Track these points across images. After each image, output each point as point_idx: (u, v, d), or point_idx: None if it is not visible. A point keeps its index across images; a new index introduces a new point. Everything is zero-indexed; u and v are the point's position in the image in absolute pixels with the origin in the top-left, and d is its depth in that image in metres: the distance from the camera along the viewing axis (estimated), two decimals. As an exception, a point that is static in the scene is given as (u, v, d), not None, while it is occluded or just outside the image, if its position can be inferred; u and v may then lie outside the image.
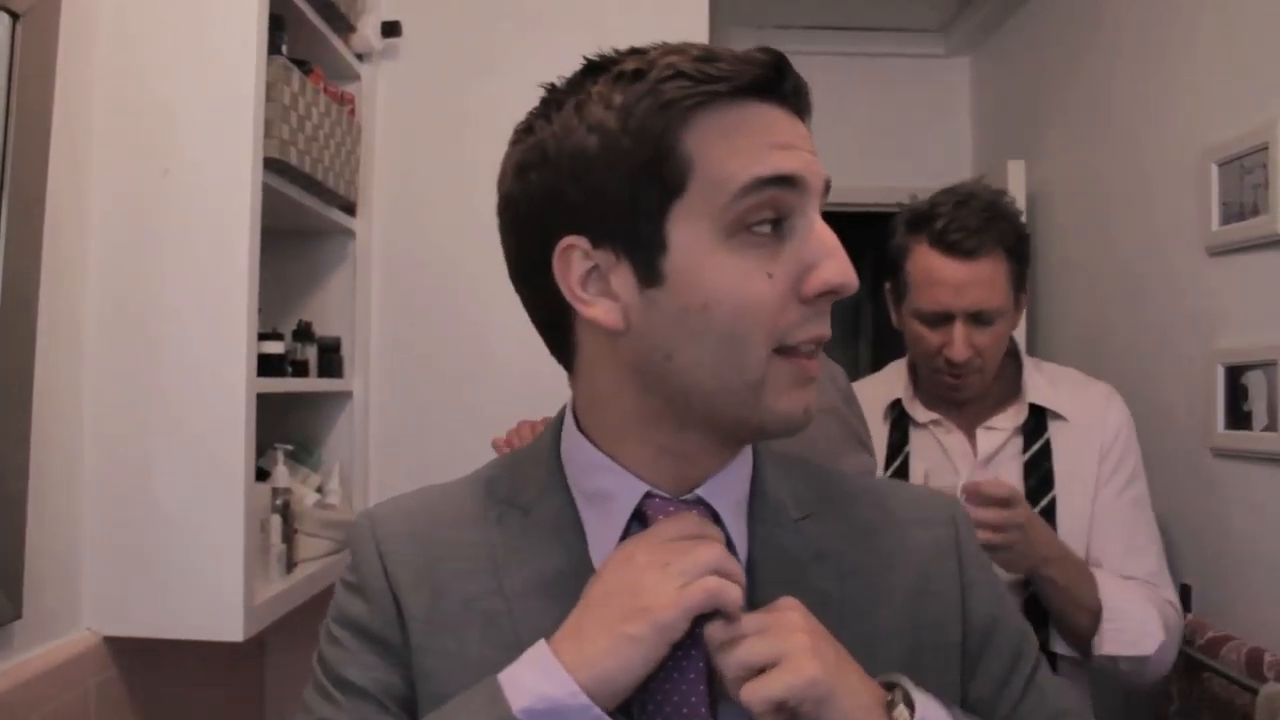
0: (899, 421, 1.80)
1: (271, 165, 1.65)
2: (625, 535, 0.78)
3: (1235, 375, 1.90)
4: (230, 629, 1.54)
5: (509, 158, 0.80)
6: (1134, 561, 1.63)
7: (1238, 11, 1.97)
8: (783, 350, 0.73)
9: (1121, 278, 2.35)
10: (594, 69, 0.79)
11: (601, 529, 0.79)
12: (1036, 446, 1.65)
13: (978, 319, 1.61)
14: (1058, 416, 1.68)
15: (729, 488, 0.81)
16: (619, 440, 0.79)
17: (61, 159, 1.42)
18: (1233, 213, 1.93)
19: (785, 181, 0.72)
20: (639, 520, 0.79)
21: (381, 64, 2.33)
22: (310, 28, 1.93)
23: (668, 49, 0.77)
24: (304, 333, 2.04)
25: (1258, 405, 1.84)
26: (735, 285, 0.71)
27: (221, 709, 2.01)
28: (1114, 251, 2.42)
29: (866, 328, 5.10)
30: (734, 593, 0.72)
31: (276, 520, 1.79)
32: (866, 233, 4.72)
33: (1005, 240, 1.60)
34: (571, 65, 0.88)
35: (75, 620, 1.52)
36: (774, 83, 0.74)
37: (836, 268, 0.73)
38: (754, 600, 0.77)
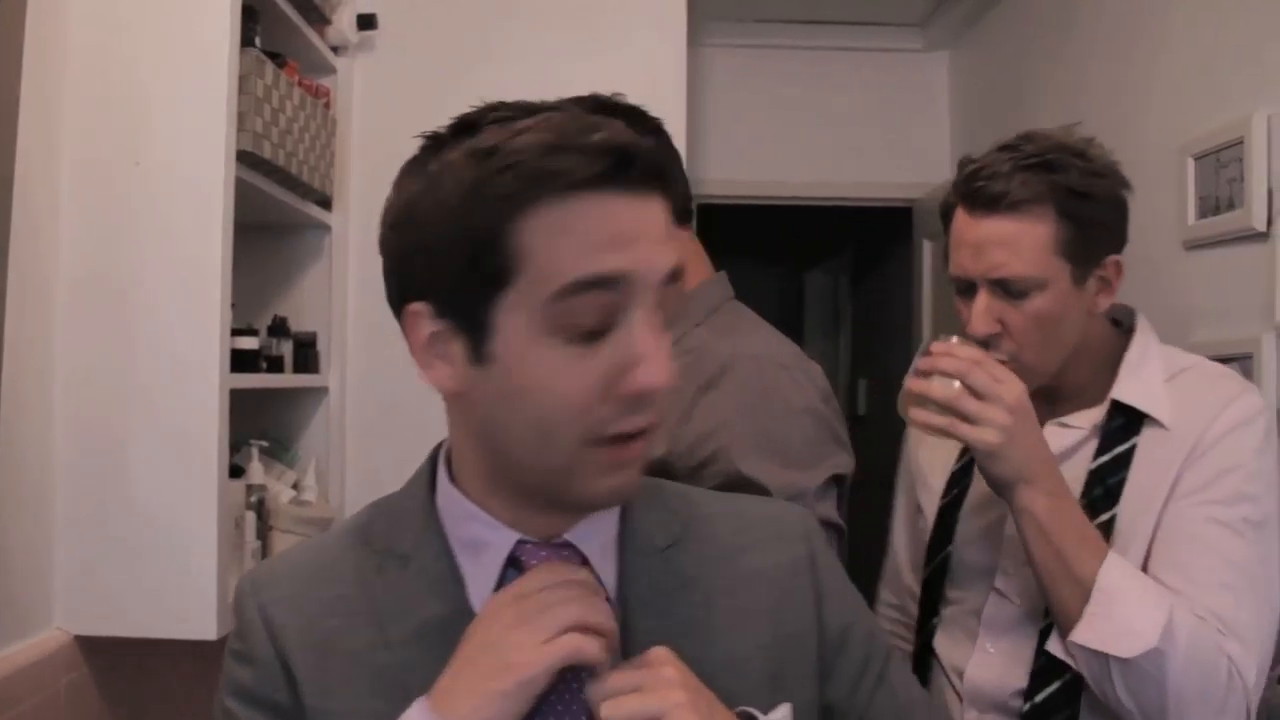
0: None
1: (245, 159, 1.64)
2: (501, 582, 0.81)
3: (1211, 369, 1.90)
4: (204, 627, 1.53)
5: (391, 200, 0.83)
6: (1191, 589, 1.18)
7: (1214, 7, 1.98)
8: (597, 441, 0.74)
9: (1099, 272, 2.36)
10: (464, 128, 0.79)
11: (479, 576, 0.82)
12: (1115, 453, 1.27)
13: (1005, 289, 1.25)
14: (1154, 421, 1.26)
15: (596, 530, 0.83)
16: (485, 491, 0.82)
17: (31, 150, 1.41)
18: (1209, 207, 1.93)
19: (608, 282, 0.71)
20: (514, 566, 0.82)
21: (357, 57, 2.31)
22: (284, 20, 1.91)
23: (537, 120, 0.74)
24: (279, 328, 2.02)
25: (1234, 399, 1.85)
26: (548, 379, 0.73)
27: (196, 708, 1.99)
28: (1091, 246, 2.43)
29: (846, 320, 5.11)
30: (593, 648, 0.74)
31: (251, 517, 1.78)
32: (845, 227, 4.75)
33: (1053, 194, 1.22)
34: (549, 58, 0.87)
35: (45, 619, 1.51)
36: (619, 172, 0.71)
37: (650, 372, 0.72)
38: (627, 629, 0.80)
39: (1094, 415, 1.30)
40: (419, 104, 2.34)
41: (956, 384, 1.19)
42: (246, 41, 1.63)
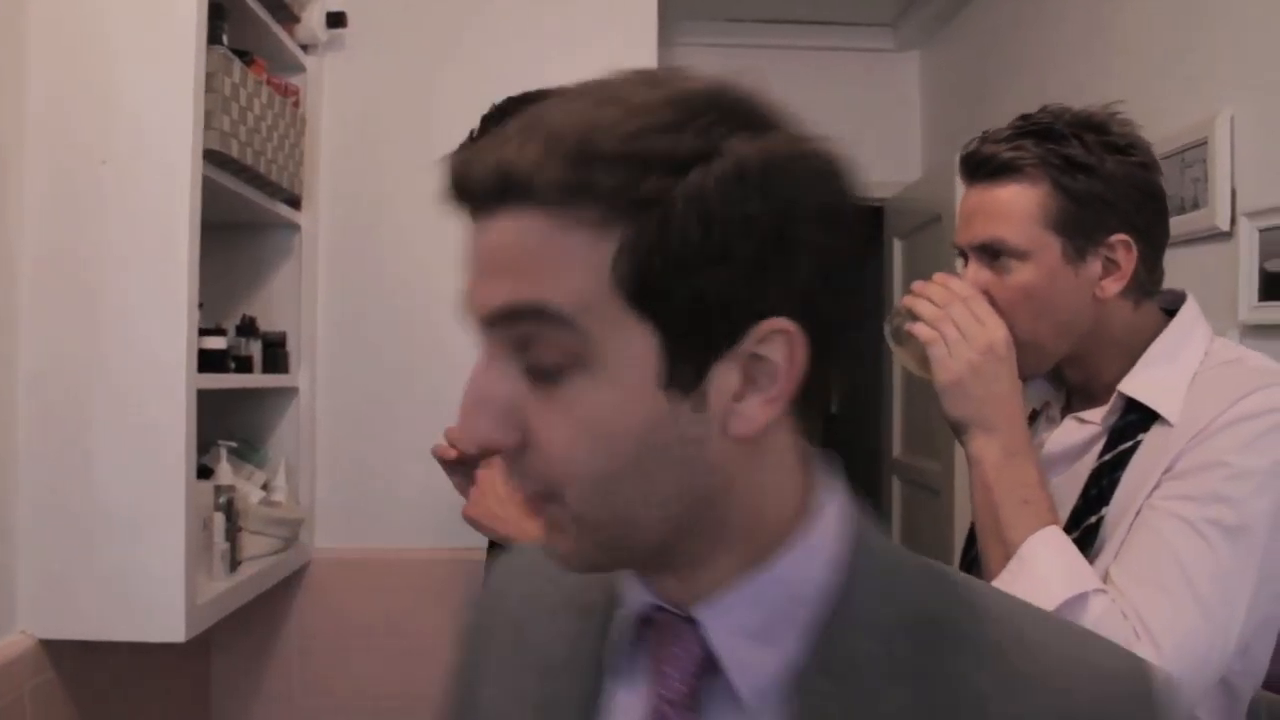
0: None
1: (212, 157, 1.62)
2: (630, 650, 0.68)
3: (1177, 367, 1.93)
4: (171, 629, 1.52)
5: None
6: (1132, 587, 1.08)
7: (1177, 9, 2.00)
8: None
9: (1067, 271, 2.38)
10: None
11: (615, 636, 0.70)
12: (1118, 450, 1.17)
13: (991, 256, 1.19)
14: (1162, 422, 1.14)
15: (753, 600, 0.62)
16: None
17: (-8, 150, 1.39)
18: (1174, 206, 1.95)
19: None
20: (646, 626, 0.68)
21: (327, 56, 2.29)
22: (252, 18, 1.90)
23: (484, 132, 0.69)
24: (248, 328, 2.00)
25: (1199, 396, 1.87)
26: None
27: (165, 711, 1.97)
28: (1059, 245, 2.45)
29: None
30: None
31: (220, 518, 1.76)
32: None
33: (1048, 164, 1.16)
34: (519, 58, 0.87)
35: (9, 622, 1.49)
36: (457, 195, 0.58)
37: (461, 424, 0.60)
38: None
39: (1106, 409, 1.21)
40: (389, 103, 2.34)
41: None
42: (213, 39, 1.61)
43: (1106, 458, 1.17)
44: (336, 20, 2.24)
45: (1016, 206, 1.17)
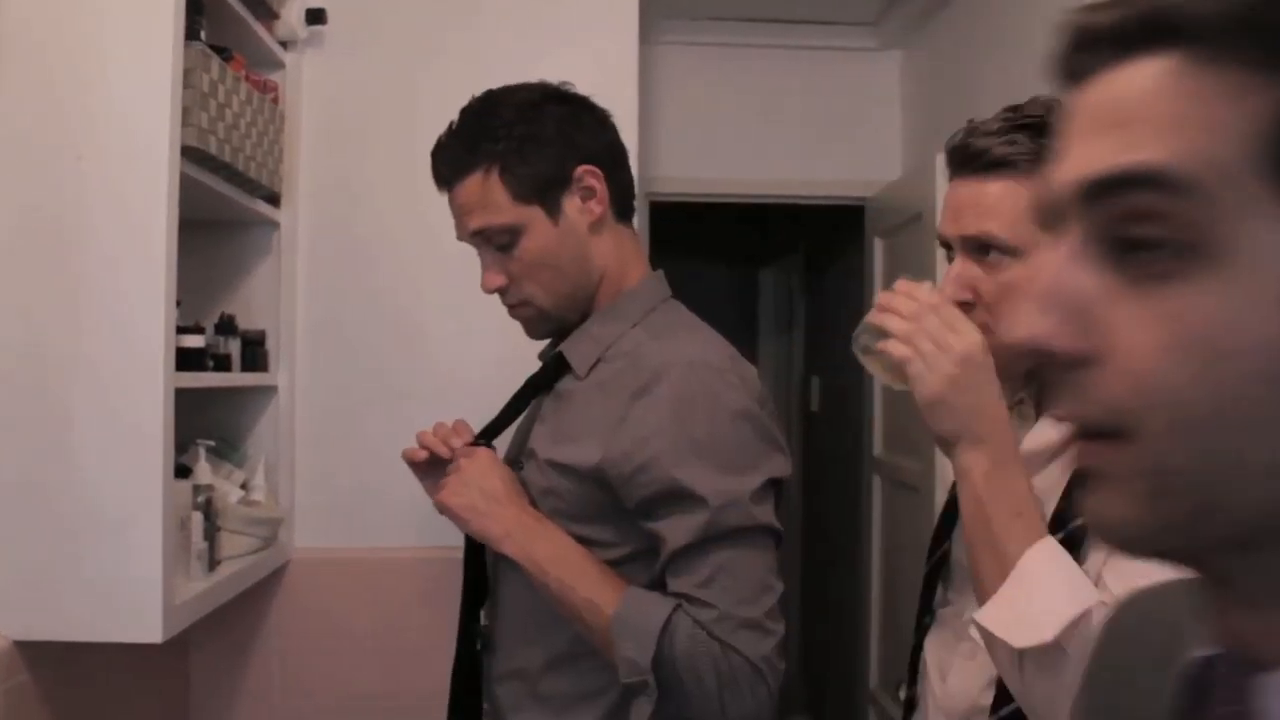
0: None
1: (190, 154, 1.61)
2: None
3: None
4: (149, 630, 1.51)
5: None
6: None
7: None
8: None
9: (1047, 270, 2.39)
10: None
11: None
12: None
13: (980, 250, 1.16)
14: None
15: None
16: None
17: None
18: (1153, 206, 1.97)
19: None
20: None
21: (306, 52, 2.28)
22: (231, 14, 1.88)
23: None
24: (226, 326, 1.99)
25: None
26: None
27: (143, 712, 1.96)
28: (1040, 244, 2.46)
29: (799, 318, 5.14)
30: None
31: (198, 518, 1.75)
32: (798, 225, 4.77)
33: (1042, 159, 1.10)
34: (500, 55, 0.87)
35: (-16, 624, 1.47)
36: (1080, 49, 0.53)
37: (1017, 319, 0.50)
38: None
39: None
40: (369, 100, 2.33)
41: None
42: (191, 35, 1.60)
43: None
44: (316, 17, 2.23)
45: (1009, 203, 1.14)
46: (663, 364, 1.29)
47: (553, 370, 1.42)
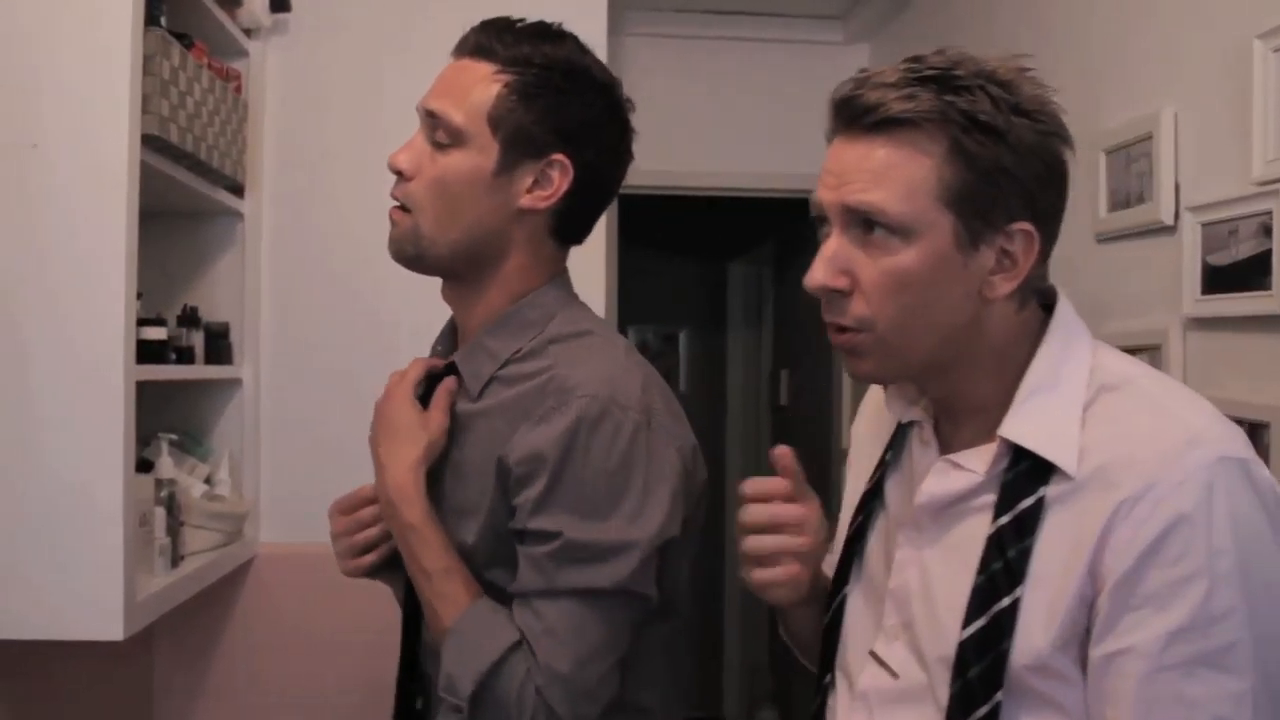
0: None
1: (150, 142, 1.58)
2: None
3: (1122, 358, 1.95)
4: (109, 628, 1.48)
5: None
6: None
7: (1125, 5, 2.02)
8: None
9: (1014, 263, 2.40)
10: None
11: None
12: (1018, 511, 0.93)
13: (863, 227, 0.95)
14: (1061, 474, 0.92)
15: None
16: None
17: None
18: (1119, 200, 1.97)
19: None
20: None
21: (270, 40, 2.25)
22: (192, 0, 1.85)
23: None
24: (190, 318, 1.96)
25: (1143, 388, 1.89)
26: None
27: (105, 711, 1.93)
28: (1007, 238, 2.48)
29: (769, 311, 5.14)
30: None
31: (160, 512, 1.72)
32: (767, 218, 4.78)
33: (948, 120, 0.92)
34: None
35: (-60, 622, 1.45)
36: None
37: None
38: None
39: (989, 454, 0.96)
40: (334, 89, 2.31)
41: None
42: (151, 20, 1.57)
43: (1004, 520, 0.93)
44: (280, 5, 2.20)
45: (904, 170, 0.93)
46: (568, 395, 1.14)
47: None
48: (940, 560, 0.99)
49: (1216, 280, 1.72)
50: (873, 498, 1.11)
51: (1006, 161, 0.93)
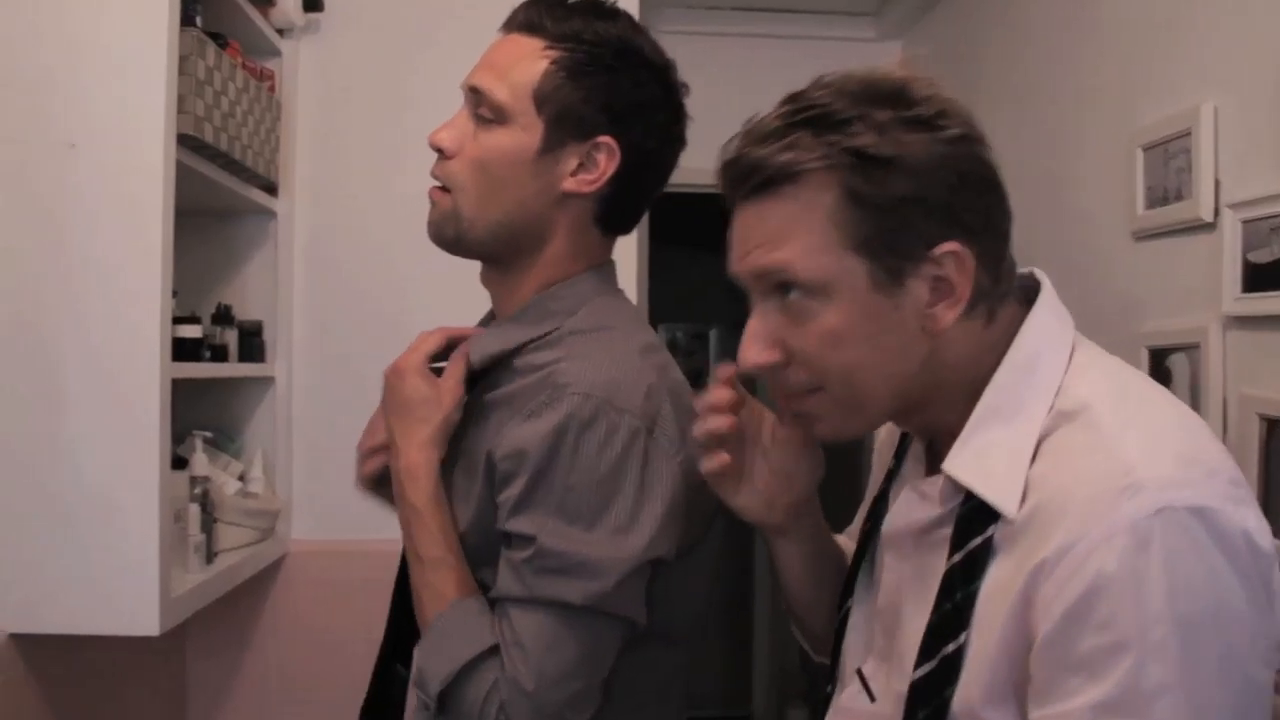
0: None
1: (186, 142, 1.59)
2: None
3: (1160, 358, 1.92)
4: (145, 623, 1.50)
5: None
6: None
7: (1163, -2, 1.99)
8: None
9: (1050, 261, 2.36)
10: None
11: None
12: (968, 549, 0.86)
13: (779, 289, 0.89)
14: (993, 513, 0.85)
15: None
16: None
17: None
18: (1157, 197, 1.95)
19: None
20: None
21: (304, 40, 2.26)
22: (226, 0, 1.87)
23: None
24: (224, 316, 1.97)
25: (1180, 388, 1.86)
26: None
27: (140, 705, 1.95)
28: (1042, 235, 2.45)
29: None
30: None
31: (195, 509, 1.74)
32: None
33: (834, 163, 0.85)
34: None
35: (-21, 617, 1.46)
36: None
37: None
38: None
39: (945, 486, 0.90)
40: (366, 88, 2.31)
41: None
42: (186, 21, 1.58)
43: (956, 559, 0.86)
44: (313, 4, 2.21)
45: (802, 227, 0.86)
46: (561, 390, 1.07)
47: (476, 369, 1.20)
48: (911, 590, 0.93)
49: (1257, 278, 1.69)
50: (879, 507, 1.06)
51: (905, 188, 0.84)
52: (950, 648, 0.85)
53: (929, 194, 0.85)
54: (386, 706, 1.24)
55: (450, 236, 1.17)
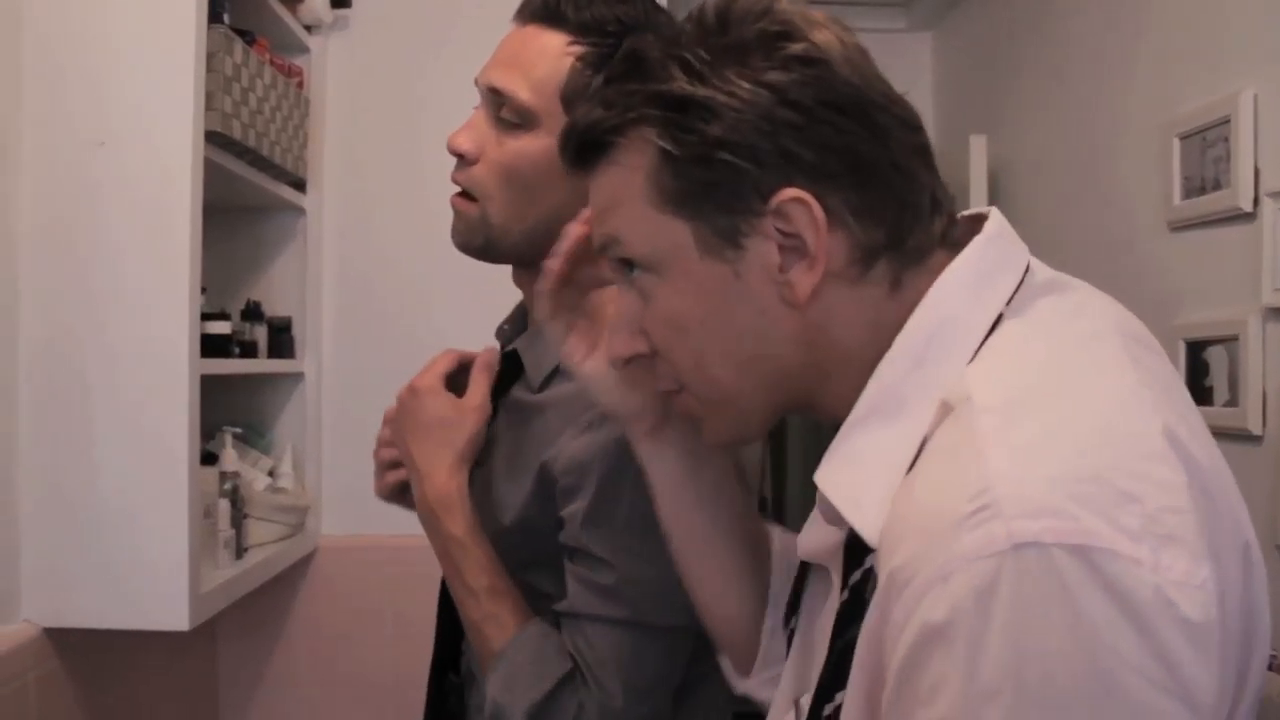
0: None
1: (214, 139, 1.60)
2: None
3: (1197, 351, 1.89)
4: (176, 618, 1.50)
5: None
6: None
7: (1200, -16, 1.96)
8: None
9: (1084, 253, 2.35)
10: None
11: None
12: (852, 584, 0.70)
13: (625, 267, 0.77)
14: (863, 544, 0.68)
15: None
16: None
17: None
18: (1194, 187, 1.92)
19: None
20: None
21: (332, 36, 2.26)
22: (255, -4, 1.87)
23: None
24: (253, 312, 1.98)
25: (1219, 381, 1.83)
26: None
27: (171, 699, 1.96)
28: (1076, 226, 2.42)
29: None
30: None
31: (225, 505, 1.74)
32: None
33: (641, 116, 0.72)
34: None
35: (13, 612, 1.47)
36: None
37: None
38: None
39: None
40: (395, 84, 2.31)
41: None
42: (214, 18, 1.58)
43: (845, 597, 0.70)
44: (341, 1, 2.21)
45: (624, 192, 0.74)
46: None
47: (510, 369, 1.17)
48: (824, 623, 0.75)
49: (1298, 269, 1.67)
50: None
51: (723, 130, 0.69)
52: (827, 710, 0.69)
53: (754, 132, 0.68)
54: (443, 716, 1.23)
55: (480, 245, 1.11)
